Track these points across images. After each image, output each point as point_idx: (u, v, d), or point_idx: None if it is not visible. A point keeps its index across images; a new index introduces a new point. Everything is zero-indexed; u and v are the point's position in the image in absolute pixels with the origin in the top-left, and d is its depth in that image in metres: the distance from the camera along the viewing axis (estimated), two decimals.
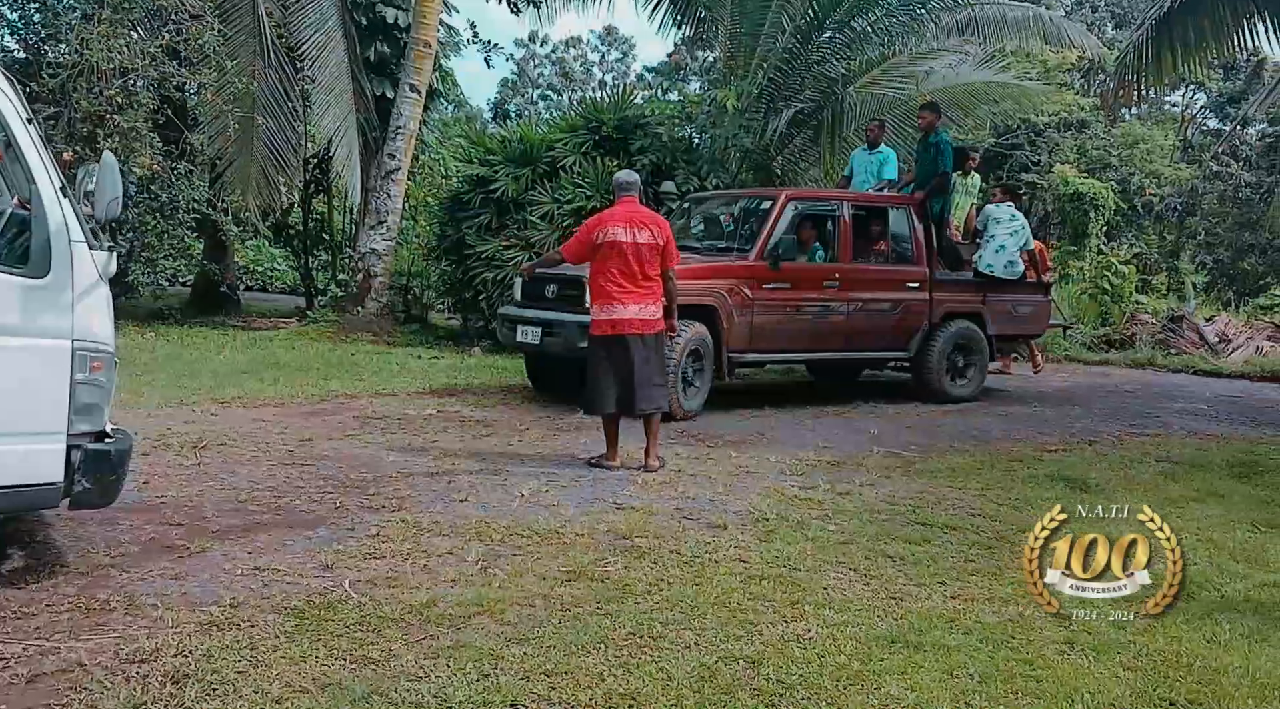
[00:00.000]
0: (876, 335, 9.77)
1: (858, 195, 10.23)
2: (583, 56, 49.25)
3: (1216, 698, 3.59)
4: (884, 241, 10.02)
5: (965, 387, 10.21)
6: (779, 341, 9.16)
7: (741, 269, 8.84)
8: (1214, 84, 29.73)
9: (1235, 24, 9.67)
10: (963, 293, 10.25)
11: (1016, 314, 10.68)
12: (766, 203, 9.38)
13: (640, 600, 4.28)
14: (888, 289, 9.77)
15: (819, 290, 9.32)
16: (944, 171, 10.00)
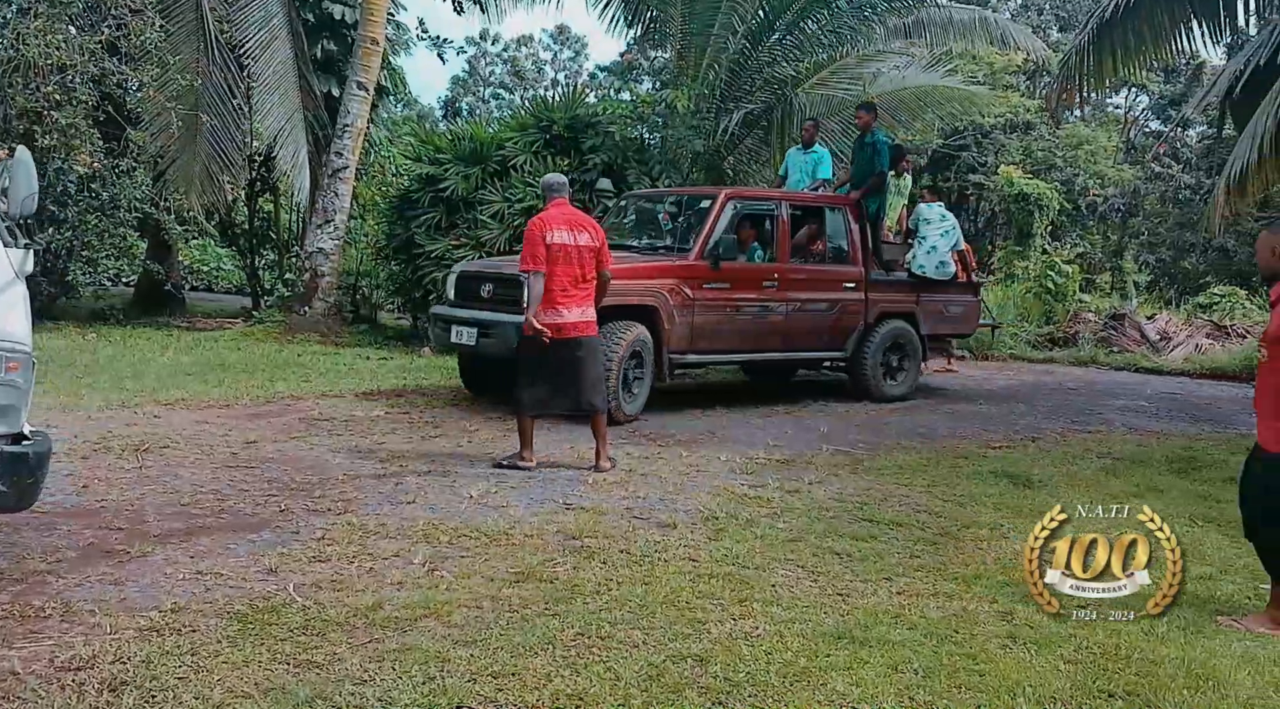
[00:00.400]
0: (814, 336, 9.78)
1: (796, 195, 10.22)
2: (534, 55, 49.08)
3: (1153, 689, 3.66)
4: (821, 242, 10.06)
5: (899, 386, 10.30)
6: (719, 342, 9.10)
7: (682, 269, 8.73)
8: (1155, 87, 30.35)
9: (1173, 28, 9.90)
10: (897, 293, 10.34)
11: (948, 314, 10.81)
12: (706, 202, 9.30)
13: (589, 600, 4.27)
14: (825, 289, 9.79)
15: (758, 290, 9.28)
16: (880, 171, 10.07)
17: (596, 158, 11.54)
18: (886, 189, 10.35)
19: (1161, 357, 13.84)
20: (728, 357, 9.60)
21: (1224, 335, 14.33)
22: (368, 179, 16.22)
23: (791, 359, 10.17)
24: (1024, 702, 3.54)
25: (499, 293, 8.39)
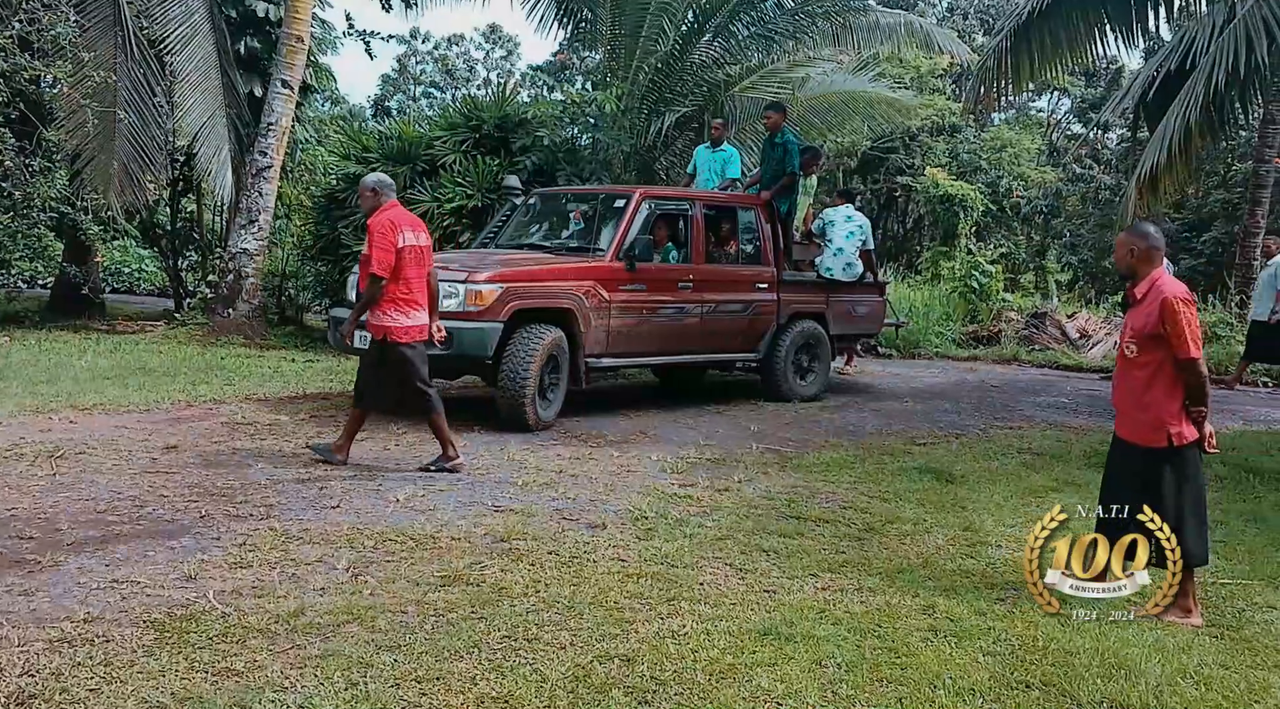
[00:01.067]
0: (729, 337, 9.69)
1: (709, 195, 10.15)
2: (466, 54, 48.76)
3: (1068, 679, 3.76)
4: (734, 242, 9.99)
5: (810, 386, 10.30)
6: (636, 345, 8.88)
7: (597, 270, 8.48)
8: (1077, 90, 31.15)
9: (1088, 32, 10.20)
10: (808, 294, 10.32)
11: (856, 314, 10.86)
12: (620, 201, 9.08)
13: (516, 603, 4.26)
14: (739, 290, 9.70)
15: (674, 292, 9.12)
16: (792, 172, 10.05)
17: (528, 158, 11.49)
18: (797, 190, 10.37)
19: (1081, 354, 14.19)
20: (645, 359, 9.39)
21: None
22: (293, 178, 15.93)
23: (707, 361, 10.08)
24: (944, 693, 3.61)
25: None
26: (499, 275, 7.85)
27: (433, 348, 6.75)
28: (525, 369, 7.75)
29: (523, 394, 7.76)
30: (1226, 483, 7.01)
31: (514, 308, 7.82)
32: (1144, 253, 4.56)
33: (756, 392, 10.33)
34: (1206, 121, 8.49)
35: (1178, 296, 4.41)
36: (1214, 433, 4.57)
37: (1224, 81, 7.83)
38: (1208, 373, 4.65)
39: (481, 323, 7.67)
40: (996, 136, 27.73)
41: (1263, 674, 3.88)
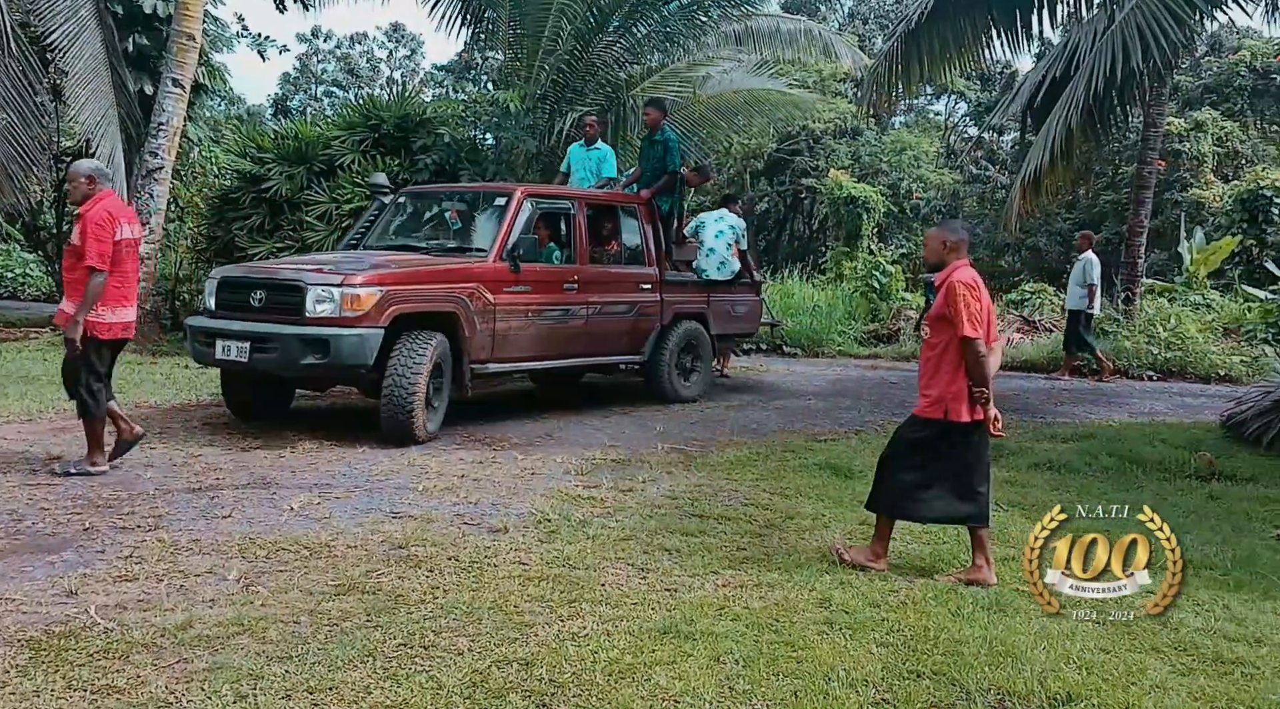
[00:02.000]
0: (614, 339, 9.47)
1: (592, 193, 9.84)
2: (369, 53, 47.98)
3: (958, 668, 3.86)
4: (615, 242, 9.78)
5: (693, 387, 10.20)
6: (521, 349, 8.52)
7: (481, 272, 8.08)
8: (973, 94, 32.04)
9: (975, 36, 10.51)
10: (689, 294, 10.24)
11: (735, 314, 10.81)
12: (501, 199, 8.72)
13: (413, 610, 4.20)
14: (624, 291, 9.49)
15: (559, 293, 8.81)
16: (673, 170, 9.93)
17: (428, 158, 11.34)
18: (678, 189, 10.23)
19: None
20: (530, 364, 8.95)
21: (1033, 330, 15.27)
22: (187, 180, 15.46)
23: (592, 364, 9.89)
24: (838, 685, 3.67)
25: (274, 300, 7.52)
26: (378, 278, 7.41)
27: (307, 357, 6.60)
28: (412, 378, 7.31)
29: (410, 405, 7.30)
30: (1111, 473, 7.28)
31: (395, 313, 7.37)
32: (953, 245, 5.02)
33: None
34: (1088, 125, 8.82)
35: (962, 281, 4.88)
36: (999, 417, 4.97)
37: (1103, 86, 8.14)
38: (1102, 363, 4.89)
39: (361, 329, 7.20)
40: (897, 139, 28.34)
41: (1140, 657, 4.03)
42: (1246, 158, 23.26)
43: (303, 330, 7.16)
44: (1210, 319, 15.12)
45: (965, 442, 4.98)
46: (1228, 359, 13.46)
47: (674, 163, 9.89)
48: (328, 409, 9.14)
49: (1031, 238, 25.36)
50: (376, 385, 7.46)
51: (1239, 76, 24.17)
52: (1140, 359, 13.43)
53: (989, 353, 4.92)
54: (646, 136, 10.30)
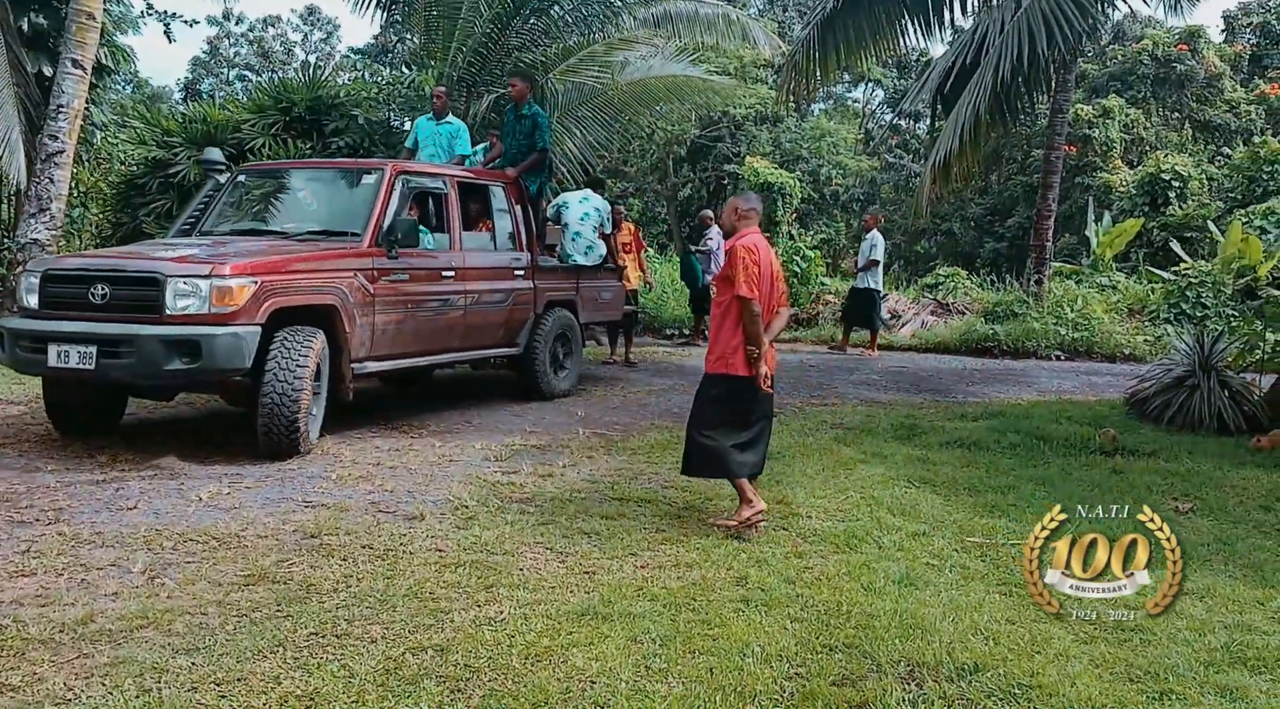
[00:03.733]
0: (491, 330, 8.77)
1: (464, 171, 9.02)
2: (283, 36, 46.86)
3: (870, 640, 3.93)
4: (485, 224, 9.04)
5: (565, 379, 9.61)
6: (401, 344, 7.71)
7: (359, 258, 7.23)
8: (890, 82, 32.54)
9: (889, 24, 10.68)
10: (561, 280, 9.67)
11: (601, 300, 10.31)
12: (370, 177, 7.87)
13: (325, 599, 4.14)
14: (499, 278, 8.80)
15: (437, 281, 8.05)
16: (543, 147, 9.39)
17: (341, 141, 11.12)
18: (546, 169, 9.72)
19: (892, 333, 14.85)
20: (410, 361, 8.00)
21: (947, 312, 15.59)
22: (90, 165, 14.93)
23: (468, 359, 9.10)
24: (752, 661, 3.71)
25: (122, 296, 6.34)
26: (250, 266, 6.42)
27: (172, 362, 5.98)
28: (296, 383, 6.37)
29: (294, 414, 6.38)
30: (1019, 450, 7.46)
31: (273, 307, 6.44)
32: (744, 213, 5.43)
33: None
34: (996, 111, 9.02)
35: (743, 245, 5.27)
36: (769, 375, 5.35)
37: (1010, 72, 8.33)
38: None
39: (236, 327, 6.24)
40: (816, 126, 28.62)
41: (1045, 626, 4.14)
42: (1150, 143, 24.03)
43: (166, 331, 6.14)
44: (1115, 300, 15.60)
45: (747, 394, 5.36)
46: (1132, 338, 13.91)
47: (544, 139, 9.39)
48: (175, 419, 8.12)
49: (946, 223, 25.89)
50: (247, 392, 6.58)
51: (1142, 65, 24.94)
52: (1049, 339, 13.80)
53: (775, 316, 5.43)
54: (511, 109, 9.62)
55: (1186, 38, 25.18)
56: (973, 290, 16.80)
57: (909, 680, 3.63)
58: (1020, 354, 13.64)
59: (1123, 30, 29.13)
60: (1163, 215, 19.82)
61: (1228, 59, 26.49)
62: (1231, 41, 28.74)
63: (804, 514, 5.67)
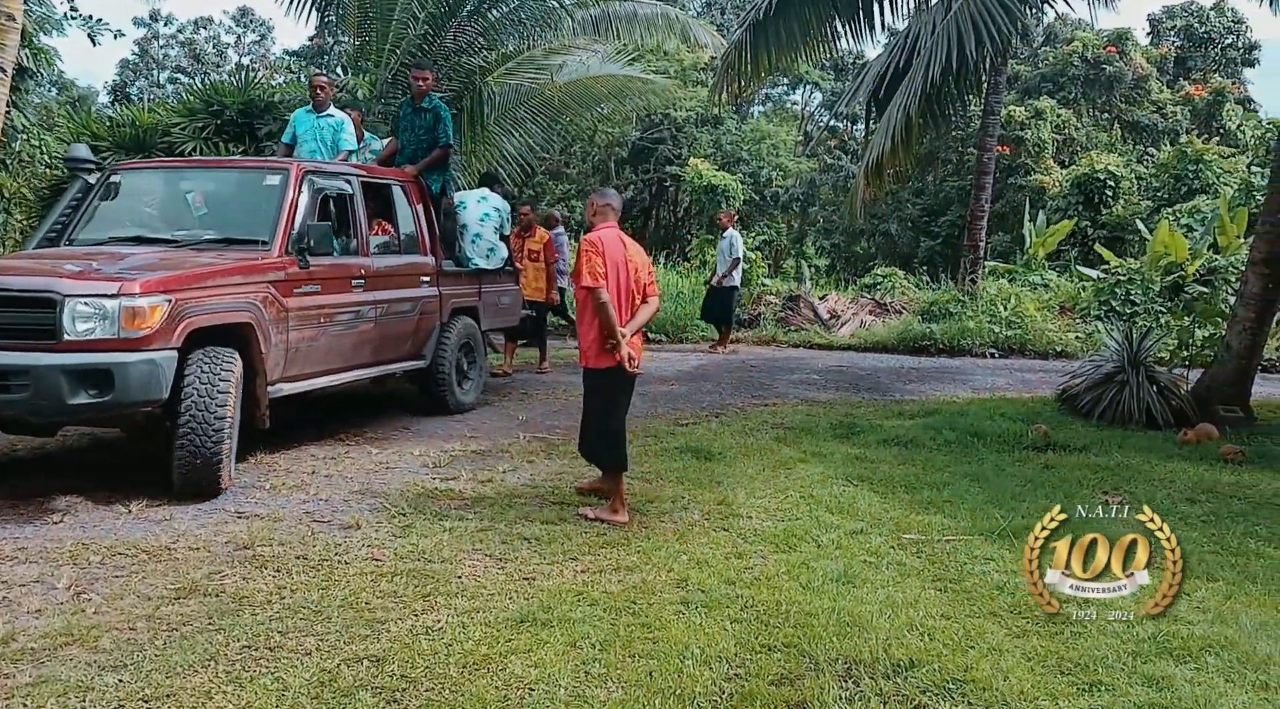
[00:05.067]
0: (399, 343, 8.06)
1: (369, 169, 8.36)
2: (215, 38, 46.02)
3: (808, 639, 3.96)
4: (388, 227, 8.31)
5: (470, 391, 8.96)
6: (315, 363, 6.99)
7: (271, 269, 6.48)
8: (828, 84, 32.90)
9: (819, 26, 10.80)
10: (464, 286, 9.01)
11: (502, 306, 9.69)
12: (274, 177, 7.03)
13: (258, 611, 4.07)
14: (407, 286, 8.15)
15: (349, 292, 7.33)
16: (447, 143, 8.80)
17: (274, 144, 10.91)
18: (449, 166, 9.14)
19: (832, 333, 15.00)
20: (325, 381, 7.17)
21: (885, 312, 15.79)
22: (14, 169, 14.50)
23: (376, 375, 8.07)
24: (692, 663, 3.72)
25: (7, 319, 5.42)
26: (163, 283, 5.61)
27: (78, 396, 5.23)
28: (218, 412, 5.65)
29: (217, 448, 5.64)
30: (954, 447, 7.58)
31: (189, 328, 5.67)
32: (599, 209, 5.67)
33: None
34: (928, 112, 9.16)
35: (586, 239, 5.56)
36: (634, 357, 5.58)
37: (940, 75, 8.47)
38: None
39: (151, 353, 5.47)
40: (756, 128, 28.84)
41: (979, 622, 4.21)
42: (1081, 144, 24.57)
43: (68, 360, 5.27)
44: (1048, 298, 15.93)
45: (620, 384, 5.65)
46: (1064, 336, 14.21)
47: (447, 135, 8.78)
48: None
49: (884, 224, 26.22)
50: (152, 422, 5.89)
51: (1073, 66, 25.50)
52: (983, 338, 14.03)
53: (642, 306, 5.62)
54: (406, 102, 8.95)
55: (1115, 40, 25.82)
56: (910, 290, 17.03)
57: (846, 678, 3.66)
58: (956, 352, 13.85)
59: (1054, 33, 29.77)
60: (1098, 214, 20.27)
61: (1154, 61, 27.21)
62: (1157, 44, 29.54)
63: (744, 515, 5.70)
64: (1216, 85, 26.63)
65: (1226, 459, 7.28)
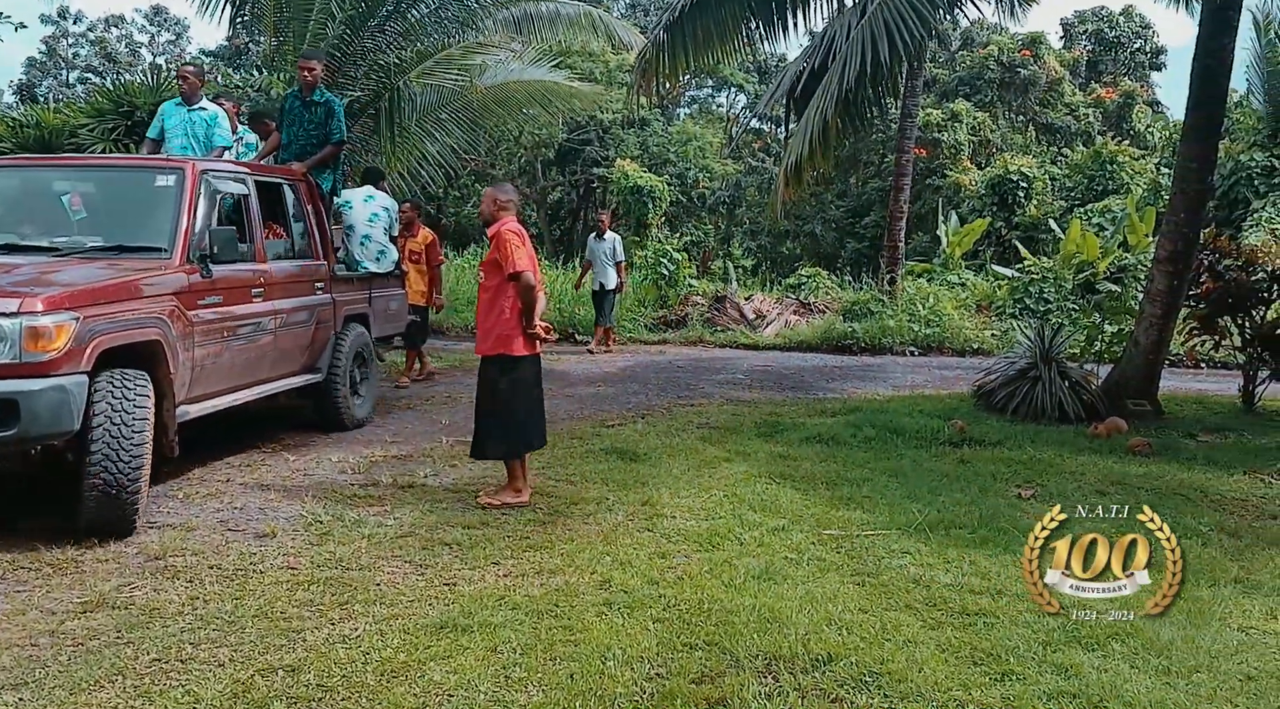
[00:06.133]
0: (296, 356, 7.49)
1: (261, 168, 7.75)
2: (128, 37, 44.79)
3: (729, 637, 3.99)
4: (280, 230, 7.67)
5: (364, 404, 8.38)
6: (218, 382, 6.41)
7: (176, 280, 5.89)
8: (751, 87, 33.21)
9: (735, 26, 10.89)
10: (355, 291, 8.49)
11: (390, 311, 9.15)
12: (167, 177, 6.34)
13: (170, 623, 3.97)
14: (302, 293, 7.56)
15: (249, 302, 6.72)
16: (340, 139, 8.25)
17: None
18: (340, 164, 8.61)
19: (758, 333, 15.12)
20: (228, 400, 6.53)
21: (809, 312, 15.98)
22: None
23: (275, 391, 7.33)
24: (613, 664, 3.72)
25: None
26: (68, 298, 5.00)
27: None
28: (136, 442, 5.05)
29: (135, 484, 5.04)
30: (874, 443, 7.69)
31: (99, 349, 5.05)
32: (503, 204, 5.90)
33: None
34: (844, 115, 9.29)
35: (511, 230, 5.76)
36: (548, 327, 5.94)
37: (855, 79, 8.61)
38: None
39: (60, 378, 4.82)
40: (682, 130, 28.99)
41: (895, 615, 4.28)
42: (996, 146, 25.16)
43: (15, 388, 4.70)
44: (965, 297, 16.27)
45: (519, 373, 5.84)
46: (980, 333, 14.52)
47: (340, 130, 8.23)
48: None
49: (809, 225, 26.54)
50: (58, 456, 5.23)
51: (989, 70, 26.11)
52: (903, 336, 14.28)
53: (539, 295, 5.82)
54: (293, 94, 8.34)
55: (1029, 44, 26.50)
56: (834, 290, 17.25)
57: (766, 674, 3.70)
58: (877, 351, 14.07)
59: (971, 37, 30.44)
60: (1012, 214, 20.77)
61: (1067, 64, 28.00)
62: (1070, 48, 30.41)
63: (669, 515, 5.71)
64: (1126, 88, 27.52)
65: (1135, 452, 7.51)
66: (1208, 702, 3.56)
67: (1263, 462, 7.25)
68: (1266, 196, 17.16)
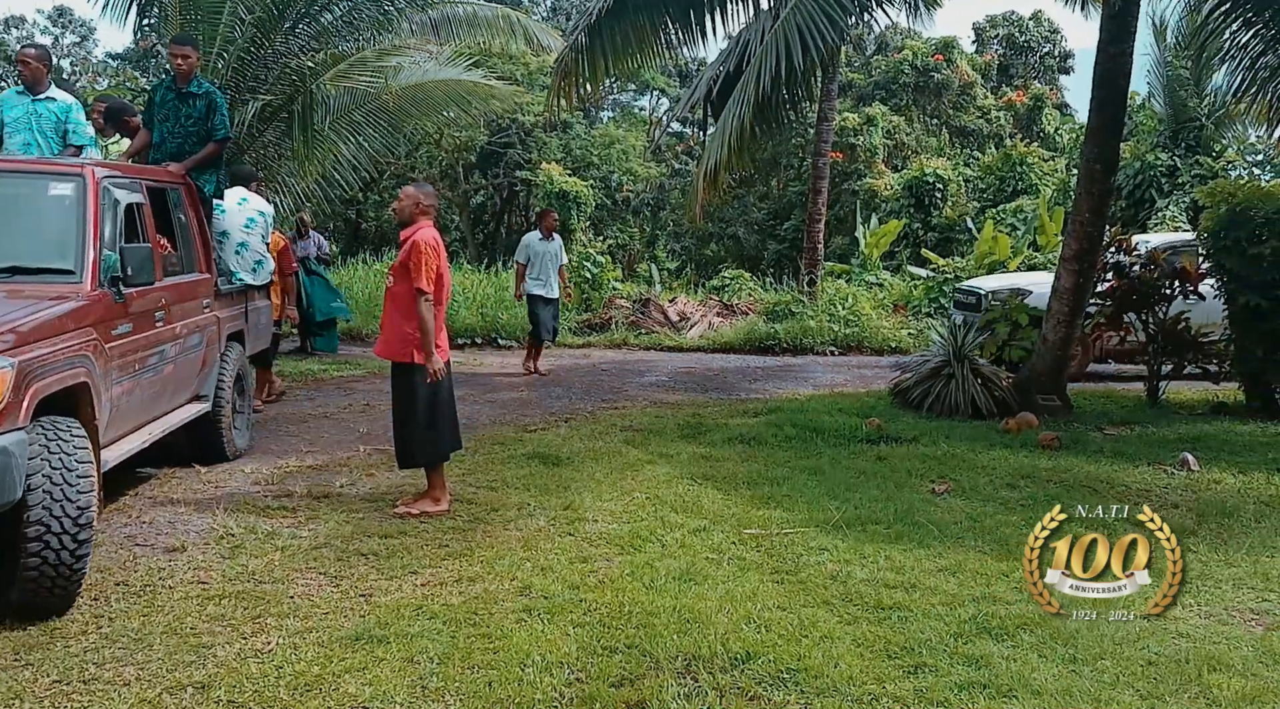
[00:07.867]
0: (189, 383, 6.59)
1: (152, 171, 6.74)
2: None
3: (650, 639, 4.00)
4: (169, 241, 6.61)
5: (244, 433, 7.50)
6: (130, 421, 5.58)
7: (92, 309, 4.98)
8: (673, 90, 33.36)
9: (653, 31, 10.95)
10: (233, 306, 7.58)
11: (260, 326, 8.27)
12: (61, 186, 5.34)
13: (72, 643, 3.86)
14: (193, 313, 6.59)
15: (154, 327, 5.78)
16: (223, 136, 7.29)
17: None
18: (223, 164, 7.75)
19: (682, 335, 15.18)
20: (137, 442, 5.62)
21: (732, 313, 16.09)
22: None
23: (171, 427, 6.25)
24: (533, 670, 3.71)
25: None
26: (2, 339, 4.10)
27: None
28: (80, 504, 4.16)
29: (83, 554, 4.17)
30: (794, 442, 7.78)
31: (36, 398, 4.16)
32: (425, 207, 5.82)
33: None
34: (760, 119, 9.39)
35: (426, 241, 5.65)
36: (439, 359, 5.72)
37: (770, 83, 8.71)
38: None
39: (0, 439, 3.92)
40: (605, 133, 29.00)
41: (813, 611, 4.34)
42: (911, 149, 25.66)
43: None
44: (882, 297, 16.56)
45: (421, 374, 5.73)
46: (898, 333, 14.77)
47: (224, 126, 7.27)
48: None
49: (732, 227, 26.76)
50: None
51: (903, 74, 26.61)
52: (823, 336, 14.46)
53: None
54: (166, 85, 7.38)
55: (942, 48, 27.07)
56: (756, 291, 17.40)
57: (685, 674, 3.72)
58: (799, 351, 14.23)
59: (886, 42, 31.00)
60: (929, 215, 21.21)
61: (979, 68, 28.66)
62: (982, 52, 31.14)
63: (590, 518, 5.71)
64: (1036, 91, 28.28)
65: (1044, 446, 7.71)
66: (1111, 687, 3.68)
67: (1165, 453, 7.50)
68: (1171, 195, 17.78)
